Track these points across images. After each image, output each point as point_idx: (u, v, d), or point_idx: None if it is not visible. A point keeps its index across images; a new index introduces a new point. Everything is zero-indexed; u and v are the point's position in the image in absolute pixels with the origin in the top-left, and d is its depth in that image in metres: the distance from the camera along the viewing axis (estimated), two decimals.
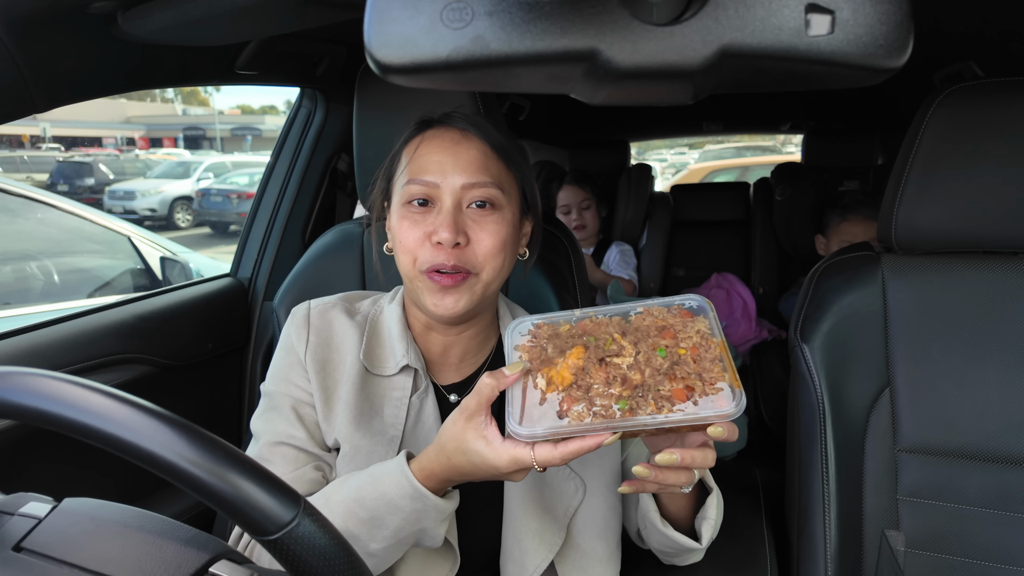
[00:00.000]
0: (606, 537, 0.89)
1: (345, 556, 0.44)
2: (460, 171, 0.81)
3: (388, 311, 0.92)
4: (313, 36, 1.41)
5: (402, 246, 0.83)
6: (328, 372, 0.87)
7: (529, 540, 0.84)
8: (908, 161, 1.03)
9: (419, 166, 0.82)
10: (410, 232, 0.82)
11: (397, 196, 0.85)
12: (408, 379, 0.88)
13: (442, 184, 0.81)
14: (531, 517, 0.85)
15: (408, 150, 0.85)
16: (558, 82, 0.42)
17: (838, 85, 0.41)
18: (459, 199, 0.81)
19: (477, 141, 0.83)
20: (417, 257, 0.82)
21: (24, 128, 22.86)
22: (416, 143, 0.85)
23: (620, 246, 2.71)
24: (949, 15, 1.32)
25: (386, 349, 0.89)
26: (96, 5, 0.89)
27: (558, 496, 0.87)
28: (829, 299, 1.10)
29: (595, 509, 0.88)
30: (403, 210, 0.83)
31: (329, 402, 0.86)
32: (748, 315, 2.55)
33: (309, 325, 0.89)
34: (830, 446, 1.05)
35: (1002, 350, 1.03)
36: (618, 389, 0.65)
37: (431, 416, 0.87)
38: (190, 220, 12.17)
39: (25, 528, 0.47)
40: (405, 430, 0.86)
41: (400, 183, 0.84)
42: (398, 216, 0.84)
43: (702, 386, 0.64)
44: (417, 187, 0.81)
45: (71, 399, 0.43)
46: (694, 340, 0.68)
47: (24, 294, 2.56)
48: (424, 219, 0.82)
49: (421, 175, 0.82)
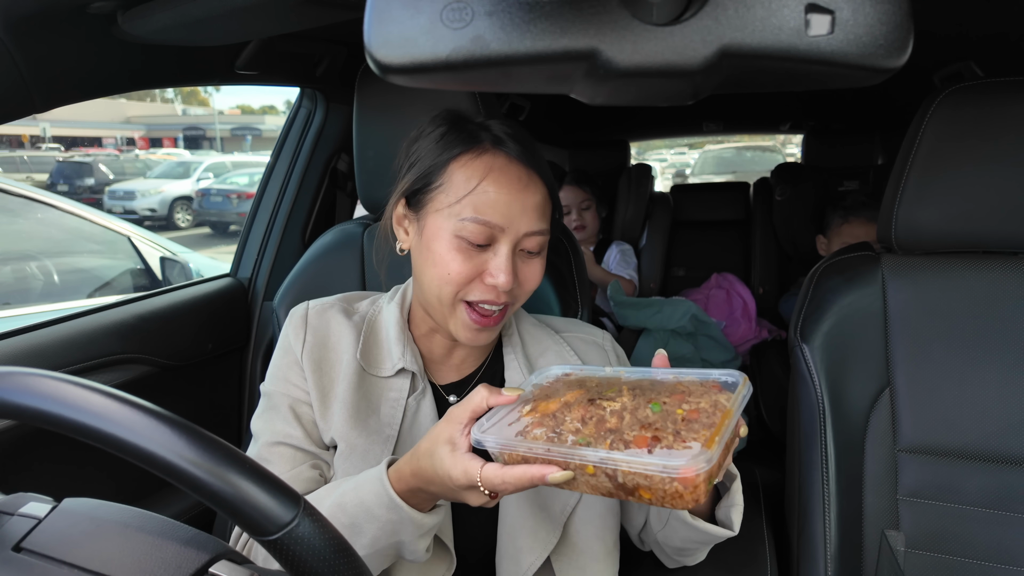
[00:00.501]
0: (603, 536, 0.89)
1: (345, 556, 0.44)
2: (525, 218, 0.79)
3: (386, 312, 0.92)
4: (313, 36, 1.41)
5: (446, 276, 0.79)
6: (324, 370, 0.87)
7: (524, 538, 0.84)
8: (908, 161, 1.03)
9: (484, 204, 0.78)
10: (462, 266, 0.79)
11: (445, 219, 0.79)
12: (405, 380, 0.87)
13: (507, 230, 0.79)
14: (526, 515, 0.85)
15: (464, 172, 0.79)
16: (558, 82, 0.42)
17: (838, 85, 0.41)
18: (517, 244, 0.80)
19: (540, 185, 0.82)
20: (461, 291, 0.80)
21: (24, 128, 22.86)
22: (475, 168, 0.79)
23: (620, 246, 2.71)
24: (949, 15, 1.32)
25: (383, 350, 0.89)
26: (96, 5, 0.89)
27: (555, 494, 0.87)
28: (829, 299, 1.10)
29: (593, 508, 0.89)
30: (456, 241, 0.79)
31: (326, 400, 0.86)
32: (748, 315, 2.55)
33: (307, 325, 0.89)
34: (830, 446, 1.05)
35: (1002, 350, 1.03)
36: (588, 428, 0.61)
37: (428, 417, 0.87)
38: (190, 220, 12.17)
39: (25, 528, 0.46)
40: (401, 430, 0.86)
41: (452, 208, 0.79)
42: (448, 245, 0.79)
43: (671, 440, 0.58)
44: (480, 228, 0.78)
45: (71, 399, 0.43)
46: (701, 406, 0.62)
47: (24, 294, 2.56)
48: (479, 256, 0.79)
49: (486, 216, 0.78)
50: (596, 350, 0.95)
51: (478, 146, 0.81)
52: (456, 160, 0.80)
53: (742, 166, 12.11)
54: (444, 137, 0.82)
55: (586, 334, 0.97)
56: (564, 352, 0.93)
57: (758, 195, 3.05)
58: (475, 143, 0.81)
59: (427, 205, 0.82)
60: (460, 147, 0.81)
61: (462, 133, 0.82)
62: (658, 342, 2.22)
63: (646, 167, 3.13)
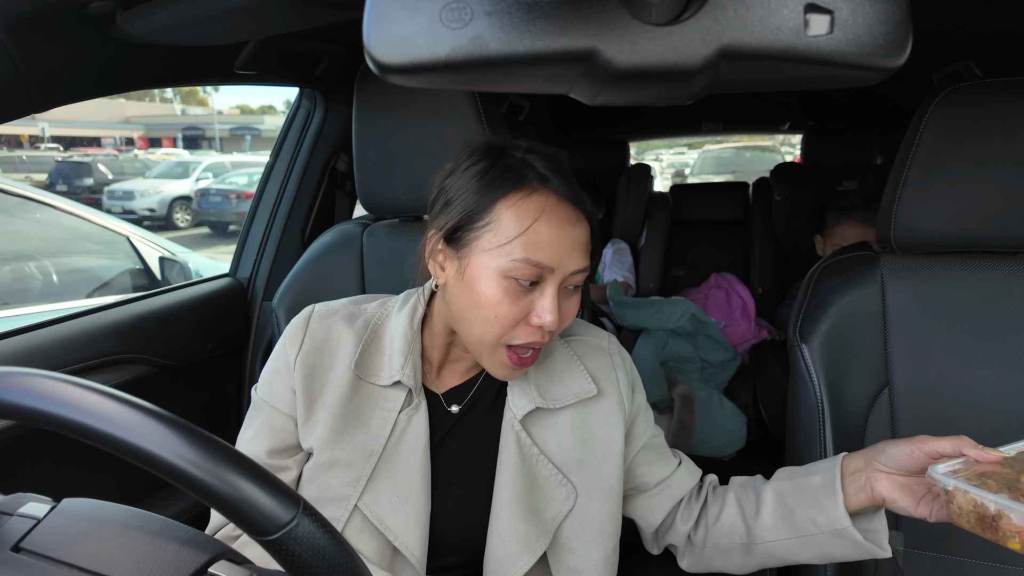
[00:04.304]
0: (602, 543, 0.88)
1: (344, 556, 0.44)
2: (573, 257, 0.78)
3: (396, 321, 0.89)
4: (312, 36, 1.41)
5: (492, 319, 0.78)
6: (316, 376, 0.86)
7: (513, 542, 0.83)
8: (907, 161, 1.03)
9: (534, 244, 0.76)
10: (509, 309, 0.77)
11: (493, 259, 0.77)
12: (401, 394, 0.86)
13: (556, 269, 0.77)
14: (518, 519, 0.84)
15: (514, 212, 0.77)
16: (557, 82, 0.42)
17: (837, 85, 0.41)
18: (562, 282, 0.79)
19: (585, 222, 0.81)
20: (507, 333, 0.78)
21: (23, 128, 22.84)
22: (526, 209, 0.77)
23: (615, 244, 2.71)
24: (948, 15, 1.32)
25: (384, 358, 0.87)
26: (95, 5, 0.88)
27: (548, 501, 0.86)
28: (828, 299, 1.10)
29: (590, 514, 0.88)
30: (505, 282, 0.77)
31: (312, 406, 0.85)
32: (747, 315, 2.55)
33: (307, 329, 0.88)
34: (829, 446, 1.05)
35: (1001, 350, 1.03)
36: None
37: (417, 435, 0.85)
38: (189, 220, 12.16)
39: (24, 528, 0.46)
40: (387, 444, 0.84)
41: (501, 248, 0.77)
42: (495, 286, 0.77)
43: None
44: (532, 269, 0.76)
45: (70, 399, 0.43)
46: None
47: (23, 294, 2.56)
48: (525, 297, 0.78)
49: (537, 257, 0.76)
50: (600, 355, 0.94)
51: (526, 185, 0.78)
52: (504, 199, 0.77)
53: (741, 166, 12.12)
54: (487, 173, 0.79)
55: (591, 337, 0.96)
56: (567, 356, 0.92)
57: (757, 195, 3.06)
58: (522, 181, 0.78)
59: (471, 244, 0.79)
60: (508, 186, 0.78)
61: (507, 170, 0.79)
62: (657, 342, 2.22)
63: (645, 167, 3.13)
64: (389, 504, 0.82)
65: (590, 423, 0.90)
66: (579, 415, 0.89)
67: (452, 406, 0.90)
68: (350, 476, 0.82)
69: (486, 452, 0.88)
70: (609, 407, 0.91)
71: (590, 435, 0.89)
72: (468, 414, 0.90)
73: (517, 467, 0.85)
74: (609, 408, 0.91)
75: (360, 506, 0.81)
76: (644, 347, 2.21)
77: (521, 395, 0.88)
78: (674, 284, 3.10)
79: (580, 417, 0.89)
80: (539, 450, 0.87)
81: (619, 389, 0.92)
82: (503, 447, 0.87)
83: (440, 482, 0.86)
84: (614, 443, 0.90)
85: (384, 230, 1.27)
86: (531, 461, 0.86)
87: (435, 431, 0.87)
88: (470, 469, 0.88)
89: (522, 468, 0.85)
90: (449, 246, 0.81)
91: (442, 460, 0.87)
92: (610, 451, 0.89)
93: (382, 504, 0.82)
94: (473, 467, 0.88)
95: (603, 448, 0.89)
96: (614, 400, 0.91)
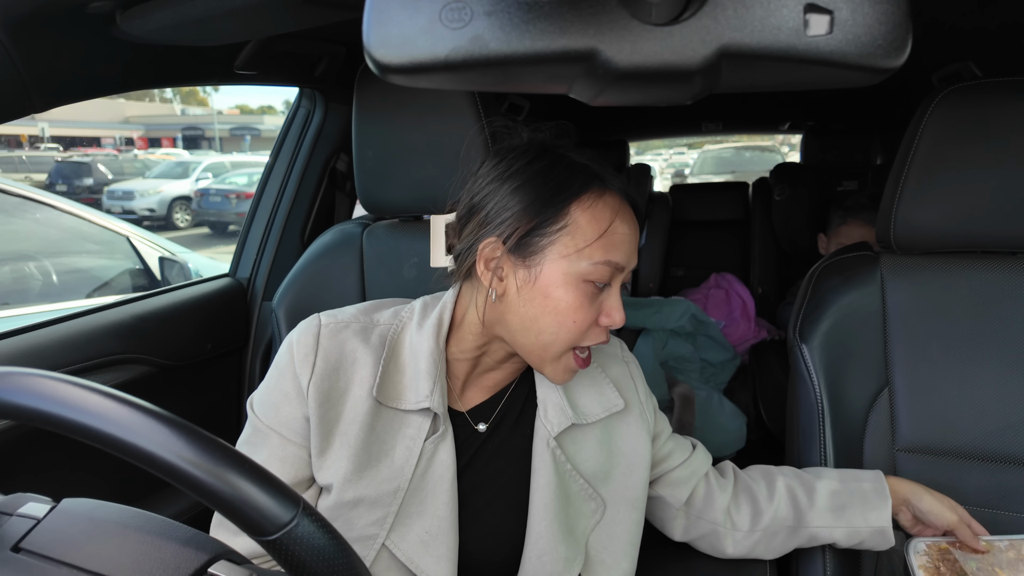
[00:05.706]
0: (630, 553, 0.88)
1: (344, 556, 0.44)
2: (635, 254, 0.79)
3: (417, 340, 0.81)
4: (312, 36, 1.41)
5: (570, 325, 0.75)
6: (332, 403, 0.78)
7: (554, 563, 0.80)
8: (907, 161, 1.03)
9: (612, 245, 0.75)
10: (586, 313, 0.75)
11: (571, 263, 0.74)
12: (427, 420, 0.79)
13: (625, 268, 0.77)
14: (558, 540, 0.81)
15: (590, 214, 0.75)
16: (557, 82, 0.42)
17: (837, 85, 0.41)
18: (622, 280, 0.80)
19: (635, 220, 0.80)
20: (579, 337, 0.76)
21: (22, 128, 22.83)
22: (601, 210, 0.75)
23: None
24: (948, 15, 1.32)
25: (406, 378, 0.80)
26: (95, 5, 0.88)
27: (579, 515, 0.84)
28: (828, 299, 1.10)
29: (619, 525, 0.86)
30: (583, 286, 0.74)
31: (328, 437, 0.78)
32: (747, 315, 2.55)
33: (317, 349, 0.79)
34: (829, 446, 1.05)
35: (1001, 350, 1.03)
36: None
37: (444, 465, 0.80)
38: (189, 220, 12.16)
39: (24, 529, 0.46)
40: (413, 477, 0.78)
41: (581, 252, 0.74)
42: (574, 291, 0.74)
43: None
44: (609, 270, 0.75)
45: (70, 399, 0.43)
46: None
47: (22, 294, 2.56)
48: (598, 298, 0.76)
49: (615, 257, 0.75)
50: (617, 364, 0.93)
51: (597, 185, 0.77)
52: (578, 202, 0.75)
53: (741, 166, 12.12)
54: (550, 175, 0.76)
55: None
56: (591, 366, 0.90)
57: (757, 195, 3.05)
58: (591, 181, 0.76)
59: (543, 250, 0.75)
60: (578, 187, 0.76)
61: (571, 171, 0.77)
62: (657, 342, 2.22)
63: (645, 167, 3.14)
64: (418, 540, 0.78)
65: (615, 436, 0.89)
66: (605, 428, 0.88)
67: (479, 424, 0.85)
68: (376, 515, 0.78)
69: (514, 472, 0.84)
70: (633, 419, 0.90)
71: (616, 448, 0.88)
72: (494, 432, 0.86)
73: (554, 486, 0.82)
74: (633, 420, 0.90)
75: (388, 544, 0.78)
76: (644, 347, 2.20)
77: (555, 411, 0.84)
78: (674, 284, 3.10)
79: (606, 430, 0.88)
80: (572, 466, 0.85)
81: (640, 400, 0.92)
82: (537, 466, 0.83)
83: (467, 506, 0.81)
84: (640, 456, 0.89)
85: (384, 230, 1.27)
86: (565, 478, 0.84)
87: (461, 453, 0.82)
88: (498, 490, 0.84)
89: (559, 486, 0.83)
90: (513, 254, 0.76)
91: (469, 484, 0.83)
92: (636, 463, 0.89)
93: (411, 542, 0.78)
94: (501, 488, 0.84)
95: (629, 460, 0.89)
96: (636, 412, 0.91)
